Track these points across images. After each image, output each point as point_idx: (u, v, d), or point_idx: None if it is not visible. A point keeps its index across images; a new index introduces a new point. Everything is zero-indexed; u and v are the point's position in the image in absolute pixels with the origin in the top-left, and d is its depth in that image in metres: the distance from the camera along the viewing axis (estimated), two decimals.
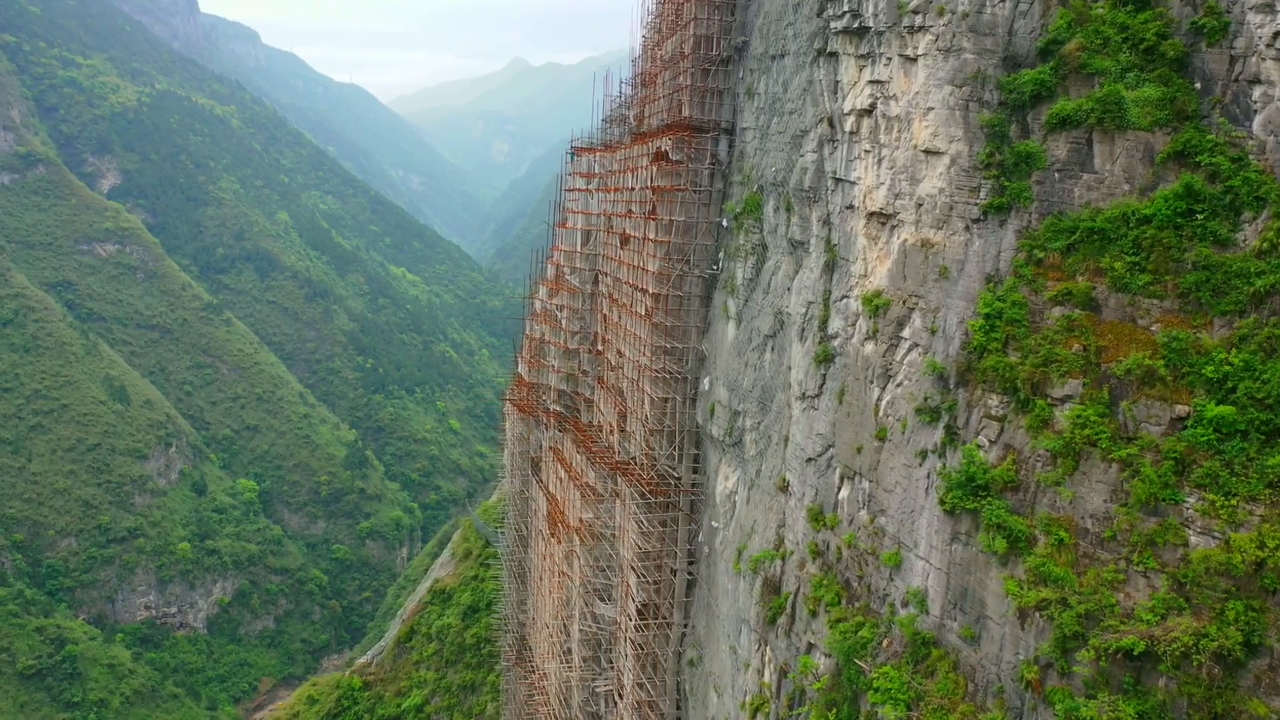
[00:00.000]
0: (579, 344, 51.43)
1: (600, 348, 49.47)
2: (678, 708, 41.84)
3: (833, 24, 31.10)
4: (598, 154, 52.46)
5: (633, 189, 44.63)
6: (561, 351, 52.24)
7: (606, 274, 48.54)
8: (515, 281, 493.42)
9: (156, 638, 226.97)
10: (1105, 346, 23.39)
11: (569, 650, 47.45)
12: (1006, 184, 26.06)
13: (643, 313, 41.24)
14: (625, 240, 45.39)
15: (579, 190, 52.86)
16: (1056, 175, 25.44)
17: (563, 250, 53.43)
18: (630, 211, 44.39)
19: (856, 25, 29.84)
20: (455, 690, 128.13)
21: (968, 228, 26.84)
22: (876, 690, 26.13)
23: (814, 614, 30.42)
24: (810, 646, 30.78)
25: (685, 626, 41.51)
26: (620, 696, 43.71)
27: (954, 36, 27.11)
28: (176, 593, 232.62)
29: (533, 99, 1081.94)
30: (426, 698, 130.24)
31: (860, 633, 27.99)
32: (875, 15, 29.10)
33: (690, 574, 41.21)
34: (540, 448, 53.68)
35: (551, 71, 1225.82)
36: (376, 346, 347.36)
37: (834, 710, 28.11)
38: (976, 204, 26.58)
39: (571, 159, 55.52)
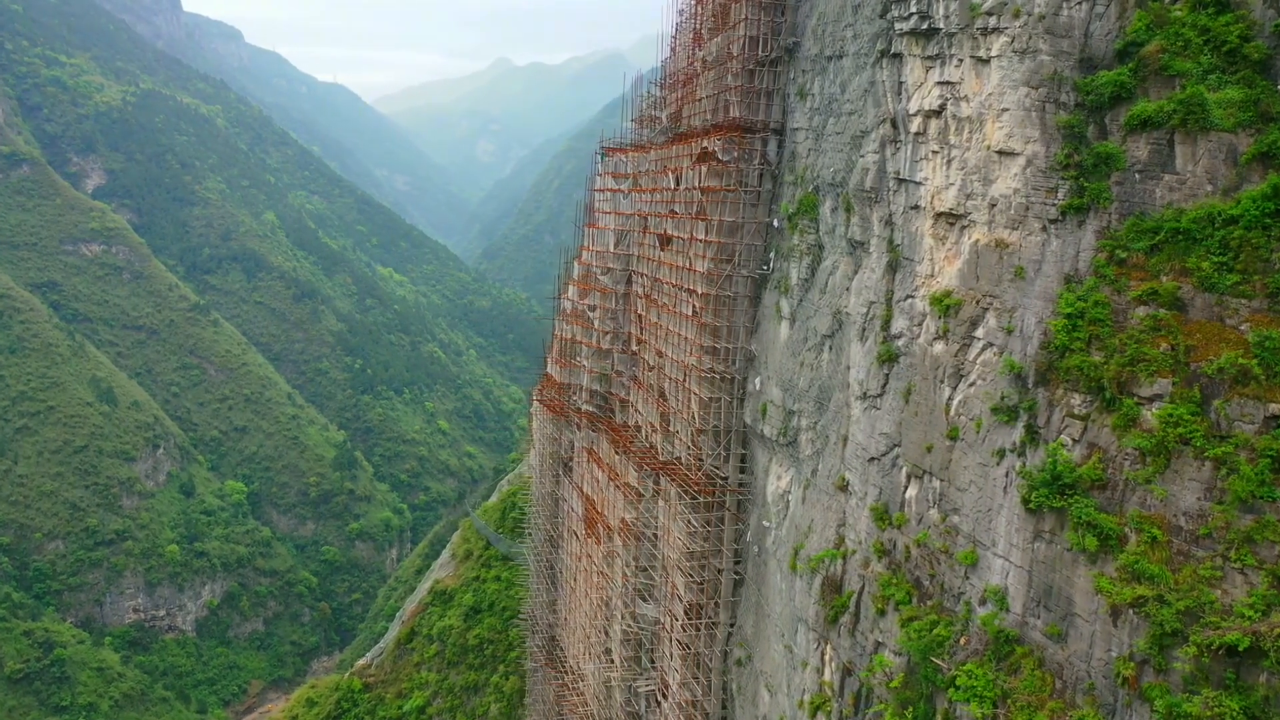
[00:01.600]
0: (611, 344, 51.42)
1: (635, 348, 49.50)
2: (723, 707, 41.91)
3: (898, 25, 31.25)
4: (629, 154, 52.47)
5: (673, 189, 44.68)
6: (594, 351, 52.21)
7: (643, 274, 48.57)
8: (502, 281, 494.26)
9: (145, 641, 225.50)
10: (1194, 346, 23.61)
11: (608, 650, 47.44)
12: (1086, 185, 26.26)
13: (690, 313, 41.30)
14: (666, 241, 45.44)
15: (610, 190, 52.84)
16: (1137, 176, 25.67)
17: (593, 250, 53.41)
18: (673, 212, 44.45)
19: (925, 27, 29.99)
20: (458, 692, 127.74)
21: (1044, 228, 27.04)
22: (958, 688, 26.28)
23: (882, 612, 30.55)
24: (878, 645, 30.92)
25: (731, 626, 41.59)
26: (664, 696, 43.74)
27: (1030, 38, 27.30)
28: (165, 595, 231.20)
29: (517, 98, 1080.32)
30: (428, 699, 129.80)
31: (935, 631, 28.13)
32: (946, 17, 29.27)
33: (737, 573, 41.30)
34: (571, 448, 53.65)
35: (536, 71, 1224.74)
36: (364, 347, 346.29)
37: (910, 709, 28.24)
38: (1055, 204, 26.78)
39: (602, 159, 55.52)
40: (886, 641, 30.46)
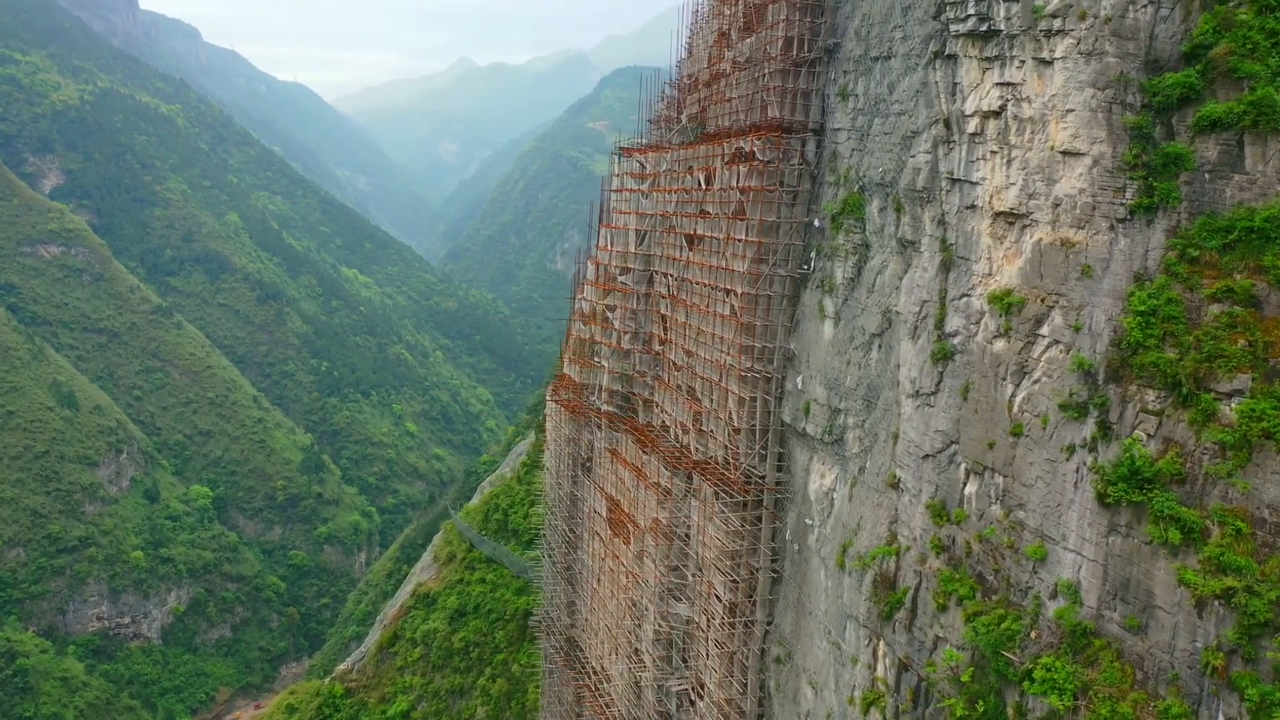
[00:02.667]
0: (632, 344, 51.43)
1: (659, 348, 49.55)
2: (760, 705, 42.08)
3: (953, 27, 31.59)
4: (649, 154, 52.51)
5: (703, 189, 44.81)
6: (614, 352, 52.18)
7: (667, 274, 48.64)
8: (468, 283, 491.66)
9: (110, 649, 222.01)
10: (1272, 342, 24.14)
11: (637, 650, 47.43)
12: (1155, 184, 26.75)
13: (727, 312, 41.44)
14: (694, 240, 45.55)
15: (629, 191, 52.84)
16: (1206, 176, 26.20)
17: (612, 250, 53.37)
18: (704, 212, 44.56)
19: (984, 29, 30.36)
20: (443, 695, 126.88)
21: (1112, 227, 27.49)
22: (1035, 681, 26.63)
23: (944, 608, 30.86)
24: (938, 640, 31.23)
25: (769, 624, 41.77)
26: (699, 695, 43.82)
27: (1096, 40, 27.75)
28: (130, 602, 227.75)
29: (480, 99, 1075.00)
30: (413, 704, 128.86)
31: (1003, 625, 28.47)
32: (1007, 19, 29.65)
33: (774, 572, 41.49)
34: (592, 448, 53.56)
35: (498, 71, 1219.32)
36: (331, 349, 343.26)
37: (980, 703, 28.55)
38: (1123, 204, 27.23)
39: (619, 160, 55.51)
40: (948, 636, 30.76)
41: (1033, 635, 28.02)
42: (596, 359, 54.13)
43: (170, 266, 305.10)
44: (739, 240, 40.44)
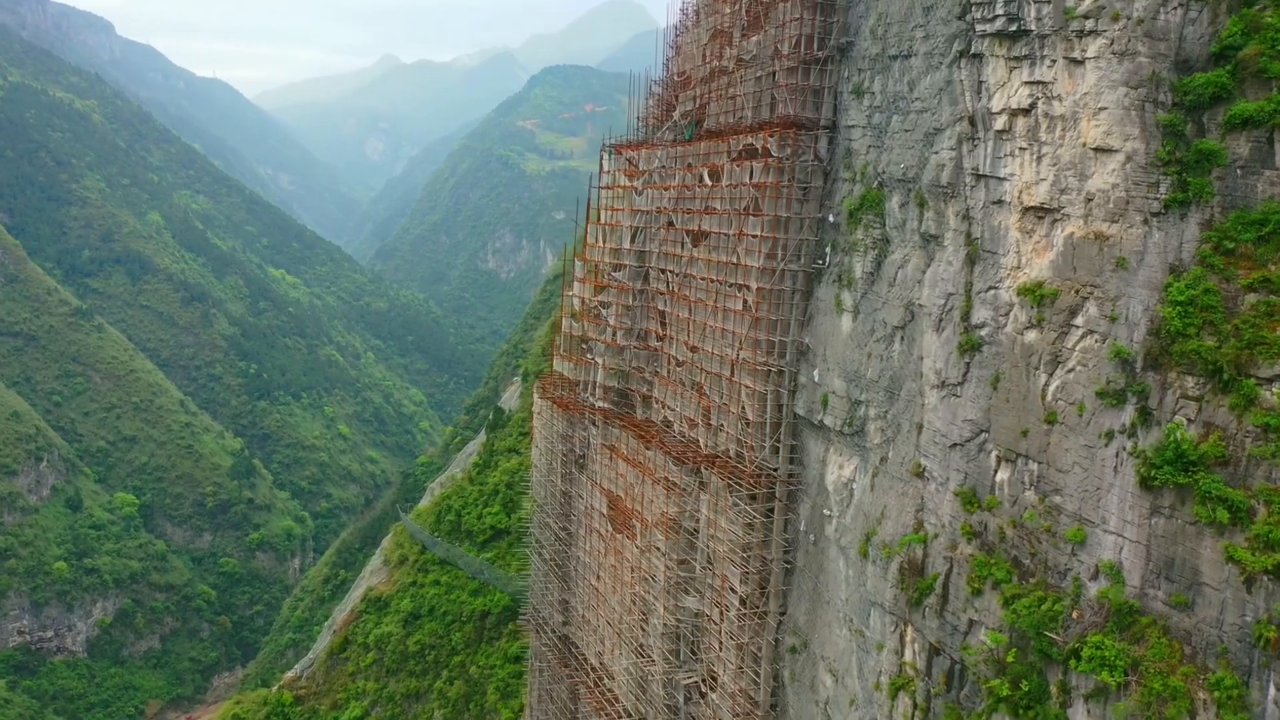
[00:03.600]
0: (628, 340, 51.60)
1: (658, 344, 49.79)
2: (773, 695, 42.64)
3: (979, 27, 32.48)
4: (642, 151, 52.69)
5: (709, 185, 45.19)
6: (609, 348, 52.27)
7: (667, 270, 48.91)
8: (399, 282, 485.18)
9: (32, 664, 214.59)
10: None
11: (642, 645, 47.61)
12: (1189, 180, 27.92)
13: (739, 307, 41.89)
14: (699, 236, 45.90)
15: (623, 188, 52.96)
16: (1238, 172, 27.46)
17: (604, 248, 53.44)
18: (709, 208, 44.94)
19: (1014, 29, 31.28)
20: (399, 699, 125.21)
21: (1146, 221, 28.59)
22: (1083, 659, 27.58)
23: (978, 592, 31.71)
24: (972, 624, 32.07)
25: (782, 615, 42.33)
26: (710, 687, 44.21)
27: (1129, 41, 28.84)
28: (53, 615, 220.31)
29: (406, 96, 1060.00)
30: (366, 709, 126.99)
31: (1044, 606, 29.39)
32: (1038, 20, 30.61)
33: (787, 563, 42.06)
34: (586, 445, 53.54)
35: (424, 69, 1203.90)
36: (259, 351, 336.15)
37: (1023, 682, 29.44)
38: (1157, 199, 28.36)
39: (610, 157, 55.58)
40: (983, 619, 31.62)
41: (1074, 615, 28.98)
42: (589, 355, 54.13)
43: (89, 267, 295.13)
44: (753, 236, 40.90)
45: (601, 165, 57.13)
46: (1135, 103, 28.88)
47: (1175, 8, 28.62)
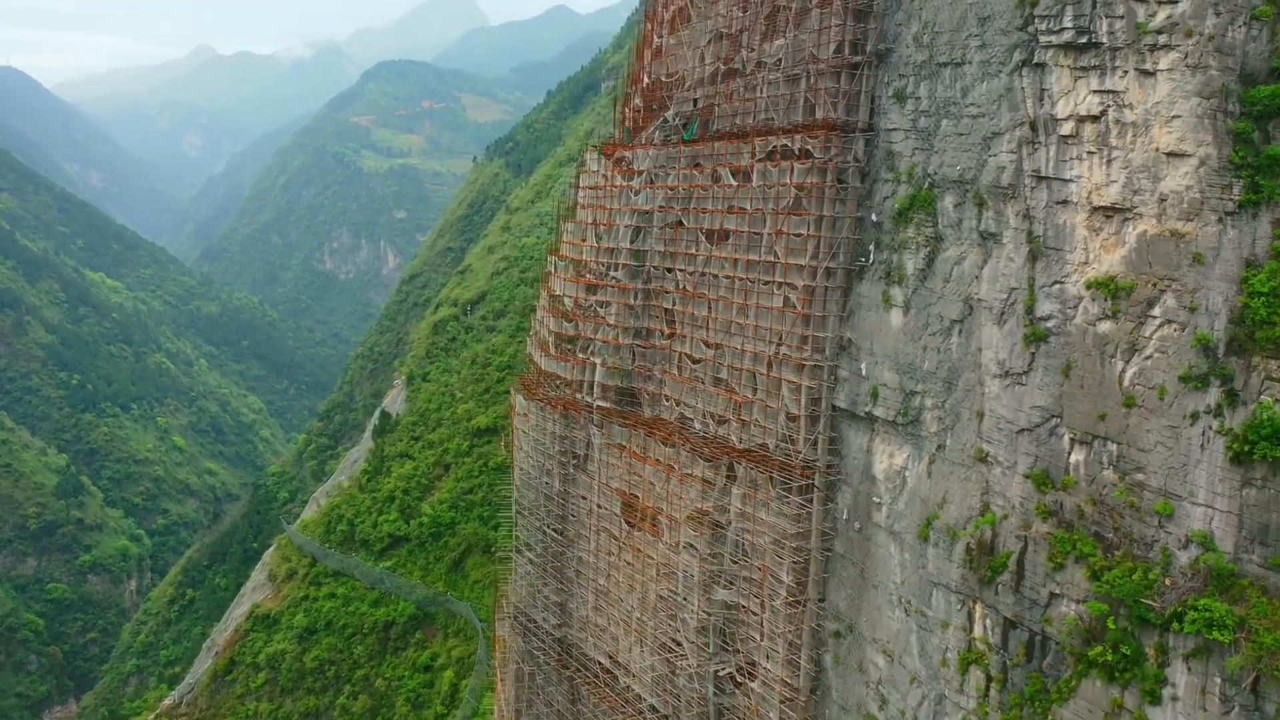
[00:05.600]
0: (631, 339, 51.86)
1: (667, 342, 50.28)
2: (812, 680, 44.02)
3: (1043, 38, 34.77)
4: (636, 151, 53.00)
5: (731, 185, 46.06)
6: (610, 347, 52.37)
7: (679, 269, 49.45)
8: (229, 285, 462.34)
9: None
10: None
11: (674, 640, 48.03)
12: (1261, 182, 30.92)
13: (780, 304, 42.98)
14: (721, 235, 46.72)
15: (620, 187, 53.09)
16: None
17: (600, 247, 53.46)
18: (734, 207, 45.82)
19: (1083, 41, 33.67)
20: (297, 719, 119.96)
21: (1221, 219, 31.45)
22: (1186, 621, 30.13)
23: (1060, 566, 33.97)
24: (1053, 596, 34.33)
25: (820, 602, 43.74)
26: (747, 677, 45.15)
27: (1201, 55, 31.64)
28: None
29: (226, 89, 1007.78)
30: None
31: (1136, 575, 31.86)
32: (1110, 33, 33.08)
33: (826, 551, 43.49)
34: (587, 445, 53.39)
35: (244, 61, 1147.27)
36: (82, 360, 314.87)
37: (1122, 646, 31.81)
38: (1232, 199, 31.26)
39: (599, 157, 55.54)
40: (1066, 592, 33.89)
41: (1167, 582, 31.55)
42: (584, 355, 54.01)
43: None
44: (797, 235, 42.06)
45: (584, 164, 57.00)
46: (1207, 112, 31.68)
47: (1240, 26, 31.58)
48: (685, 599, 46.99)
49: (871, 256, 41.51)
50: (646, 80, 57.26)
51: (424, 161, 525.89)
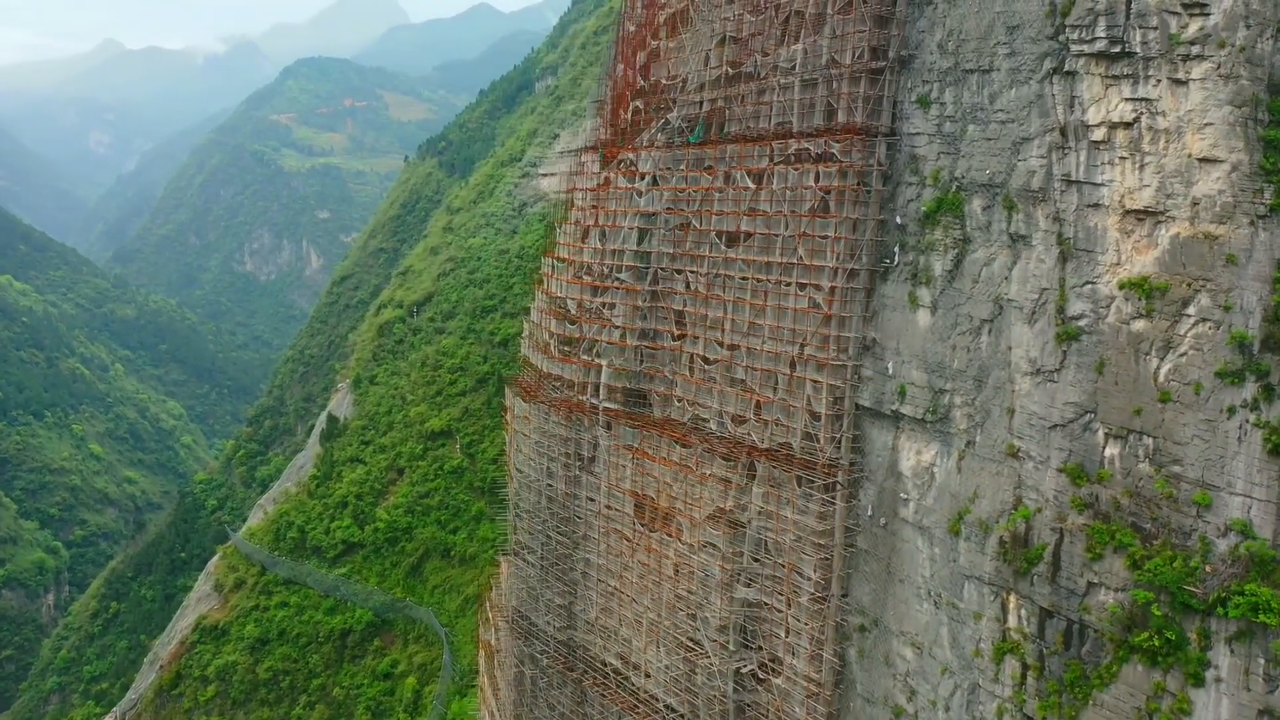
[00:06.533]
0: (639, 340, 52.03)
1: (677, 343, 50.56)
2: (836, 674, 44.79)
3: (1075, 48, 36.04)
4: (640, 153, 53.18)
5: (748, 188, 46.56)
6: (617, 349, 52.45)
7: (691, 271, 49.76)
8: (145, 287, 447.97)
9: None
10: None
11: (692, 640, 48.31)
12: None
13: (805, 306, 43.61)
14: (737, 237, 47.19)
15: (625, 189, 53.19)
16: None
17: (604, 249, 53.48)
18: (752, 209, 46.31)
19: (1117, 50, 35.00)
20: None
21: (1253, 222, 33.03)
22: (1231, 605, 31.57)
23: (1098, 557, 35.24)
24: (1090, 586, 35.59)
25: (843, 597, 44.52)
26: (772, 673, 45.69)
27: (1233, 66, 33.18)
28: None
29: (135, 85, 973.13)
30: None
31: (1175, 564, 33.25)
32: (1144, 44, 34.45)
33: (849, 547, 44.28)
34: (595, 447, 53.36)
35: (154, 56, 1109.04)
36: None
37: (1166, 631, 33.15)
38: (1263, 203, 32.84)
39: (599, 159, 55.52)
40: (1105, 581, 35.18)
41: (1208, 569, 33.00)
42: (588, 357, 53.98)
43: None
44: (822, 237, 42.75)
45: (582, 166, 56.95)
46: (1239, 120, 33.22)
47: (1269, 39, 33.21)
48: (705, 598, 47.37)
49: (896, 258, 42.42)
50: (643, 83, 57.41)
51: (347, 160, 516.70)
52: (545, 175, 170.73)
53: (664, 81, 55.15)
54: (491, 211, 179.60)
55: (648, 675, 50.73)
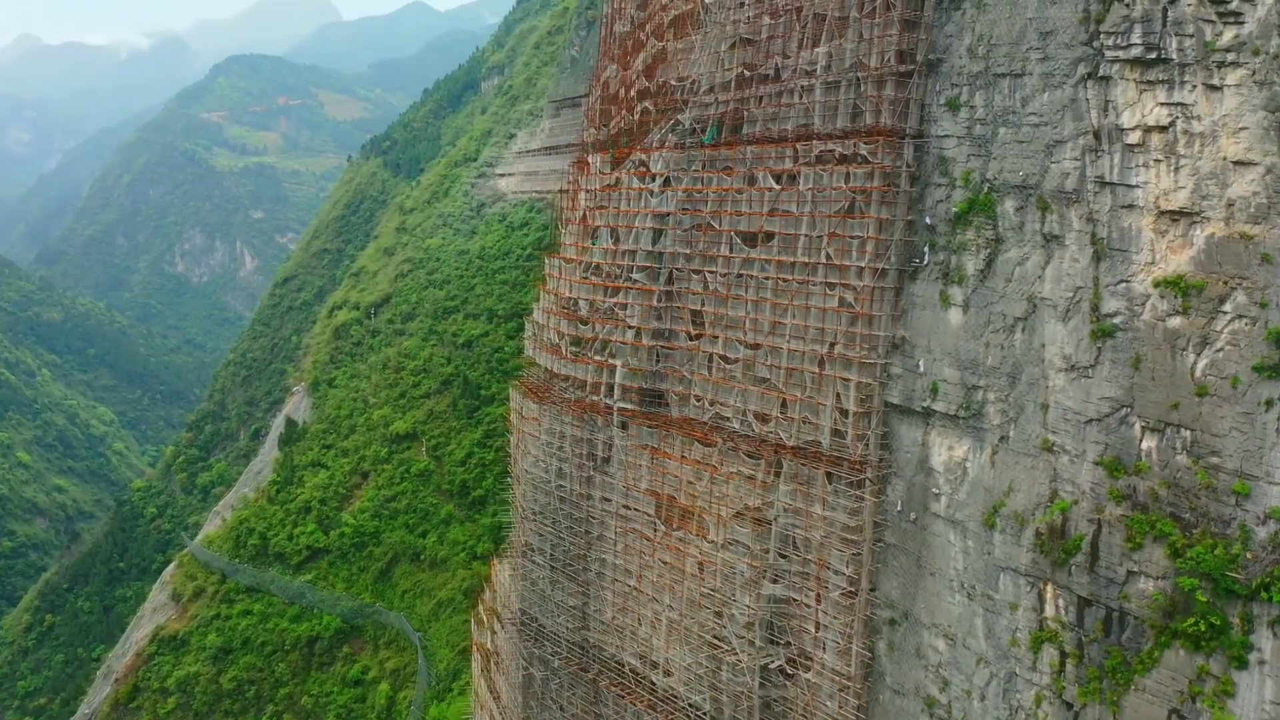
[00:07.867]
0: (654, 340, 52.22)
1: (694, 343, 50.85)
2: (865, 666, 45.50)
3: (1110, 53, 37.21)
4: (651, 154, 53.38)
5: (773, 189, 47.04)
6: (632, 349, 52.57)
7: (703, 271, 50.10)
8: (71, 290, 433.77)
9: None
10: None
11: (716, 638, 48.61)
12: None
13: (835, 305, 44.22)
14: (761, 237, 47.64)
15: (637, 189, 53.31)
16: None
17: (614, 249, 53.57)
18: (775, 210, 46.80)
19: (1152, 57, 36.23)
20: None
21: None
22: (1275, 590, 32.89)
23: (1138, 546, 36.41)
24: (1130, 574, 36.76)
25: (871, 591, 45.25)
26: (800, 668, 46.22)
27: (1268, 72, 34.54)
28: None
29: (55, 82, 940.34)
30: None
31: (1217, 551, 34.54)
32: (1180, 51, 35.71)
33: (878, 542, 45.02)
34: (610, 447, 53.38)
35: (75, 51, 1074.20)
36: None
37: (1211, 616, 34.39)
38: None
39: (613, 159, 55.52)
40: (1145, 570, 36.36)
41: (1249, 556, 34.31)
42: (601, 357, 53.98)
43: None
44: (853, 237, 43.40)
45: (590, 166, 56.90)
46: (1273, 124, 34.57)
47: None
48: (732, 595, 47.73)
49: (926, 257, 43.25)
50: (648, 84, 57.62)
51: (281, 160, 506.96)
52: (503, 175, 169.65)
53: (673, 83, 55.39)
54: (448, 212, 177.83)
55: (668, 674, 50.94)
